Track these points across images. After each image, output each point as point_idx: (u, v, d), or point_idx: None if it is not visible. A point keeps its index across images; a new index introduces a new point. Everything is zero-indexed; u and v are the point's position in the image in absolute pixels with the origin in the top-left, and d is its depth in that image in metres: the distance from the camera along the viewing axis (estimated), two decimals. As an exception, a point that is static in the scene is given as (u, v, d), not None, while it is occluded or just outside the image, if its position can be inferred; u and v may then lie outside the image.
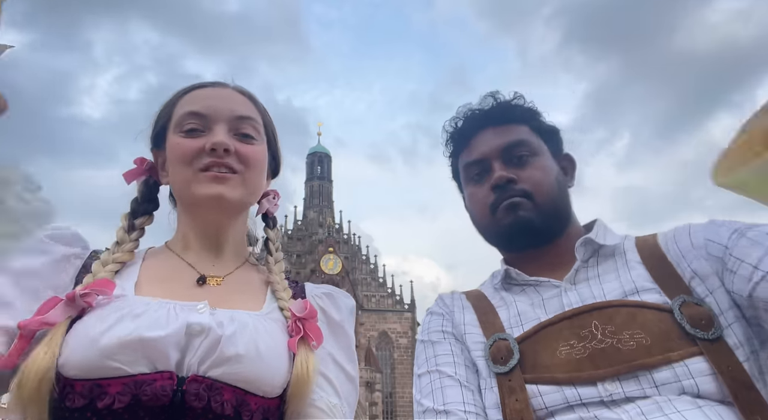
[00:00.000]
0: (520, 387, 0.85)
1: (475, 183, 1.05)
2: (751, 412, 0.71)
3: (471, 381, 0.93)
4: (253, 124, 0.89)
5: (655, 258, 0.91)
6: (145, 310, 0.70)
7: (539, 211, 0.97)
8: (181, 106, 0.88)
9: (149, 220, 0.92)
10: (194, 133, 0.84)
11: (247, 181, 0.86)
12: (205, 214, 0.87)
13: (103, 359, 0.65)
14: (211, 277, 0.84)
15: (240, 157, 0.84)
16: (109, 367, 0.65)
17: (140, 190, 0.93)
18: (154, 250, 0.91)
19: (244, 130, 0.87)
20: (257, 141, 0.89)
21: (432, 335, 1.02)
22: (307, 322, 0.80)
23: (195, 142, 0.83)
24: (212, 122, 0.85)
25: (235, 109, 0.88)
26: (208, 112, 0.85)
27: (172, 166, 0.86)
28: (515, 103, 1.08)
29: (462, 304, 1.04)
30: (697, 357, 0.76)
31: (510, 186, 0.98)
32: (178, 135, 0.85)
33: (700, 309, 0.80)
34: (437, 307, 1.08)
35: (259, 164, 0.89)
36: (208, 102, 0.87)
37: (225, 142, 0.82)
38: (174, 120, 0.88)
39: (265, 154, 0.91)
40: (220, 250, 0.89)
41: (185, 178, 0.83)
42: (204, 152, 0.82)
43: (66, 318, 0.69)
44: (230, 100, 0.89)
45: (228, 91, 0.92)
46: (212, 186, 0.82)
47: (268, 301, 0.85)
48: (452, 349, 0.98)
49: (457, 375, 0.93)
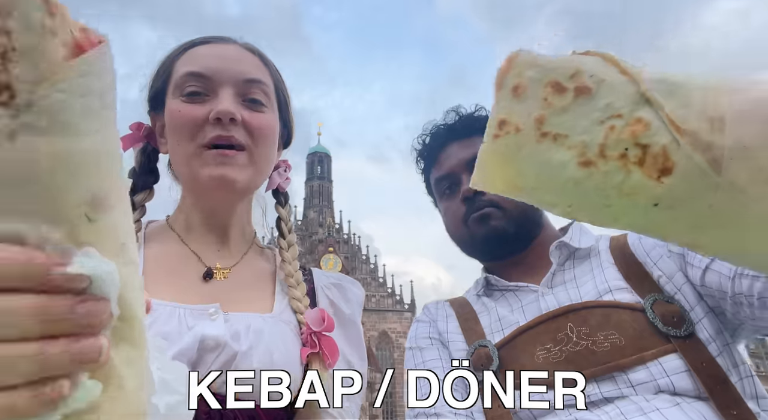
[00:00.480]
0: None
1: (447, 197, 1.08)
2: (727, 407, 0.72)
3: None
4: (264, 88, 0.79)
5: (625, 257, 0.93)
6: (155, 320, 0.65)
7: (509, 218, 0.99)
8: (182, 64, 0.78)
9: (150, 195, 0.82)
10: (196, 98, 0.74)
11: (256, 158, 0.76)
12: (209, 196, 0.78)
13: None
14: (218, 269, 0.78)
15: (248, 129, 0.75)
16: None
17: (138, 159, 0.83)
18: (155, 229, 0.83)
19: (254, 95, 0.77)
20: (267, 108, 0.79)
21: (420, 341, 1.04)
22: (323, 338, 0.74)
23: (197, 110, 0.73)
24: (217, 85, 0.75)
25: (244, 70, 0.77)
26: (211, 74, 0.75)
27: (172, 137, 0.76)
28: (477, 115, 1.11)
29: (446, 313, 1.07)
30: (671, 355, 0.78)
31: (478, 197, 1.00)
32: (178, 99, 0.75)
33: (671, 307, 0.82)
34: (423, 315, 1.11)
35: (270, 136, 0.78)
36: (212, 61, 0.76)
37: (231, 111, 0.72)
38: (173, 80, 0.77)
39: (276, 124, 0.81)
40: (225, 233, 0.82)
41: (186, 154, 0.74)
42: (207, 122, 0.73)
43: None
44: (237, 59, 0.78)
45: (235, 48, 0.80)
46: (217, 167, 0.73)
47: (278, 297, 0.80)
48: (440, 354, 1.00)
49: None
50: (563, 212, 0.35)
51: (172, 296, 0.70)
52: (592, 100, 0.29)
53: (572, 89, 0.29)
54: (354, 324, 0.86)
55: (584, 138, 0.29)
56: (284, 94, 0.86)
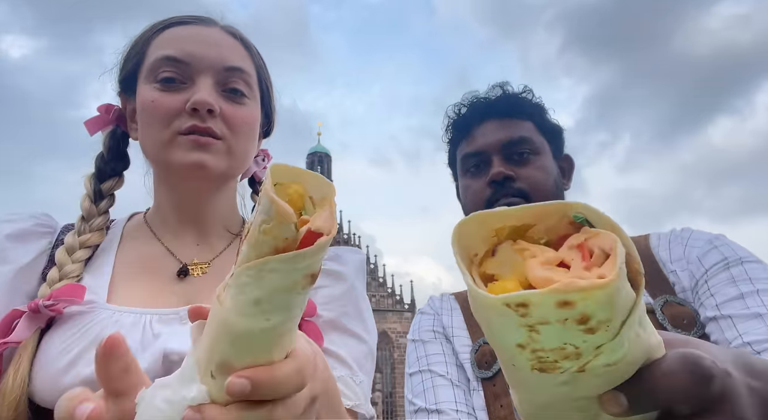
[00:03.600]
0: (504, 392, 0.85)
1: (472, 175, 1.02)
2: None
3: (462, 381, 0.93)
4: (245, 77, 0.73)
5: (642, 257, 0.90)
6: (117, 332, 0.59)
7: None
8: (157, 46, 0.72)
9: (119, 183, 0.76)
10: (171, 85, 0.69)
11: (233, 150, 0.71)
12: (184, 184, 0.73)
13: None
14: (195, 264, 0.72)
15: (227, 122, 0.70)
16: None
17: (106, 143, 0.77)
18: (133, 225, 0.78)
19: (234, 84, 0.72)
20: (249, 99, 0.74)
21: (423, 334, 1.02)
22: (303, 324, 0.68)
23: (172, 99, 0.68)
24: (194, 72, 0.70)
25: (224, 57, 0.72)
26: (189, 60, 0.70)
27: (144, 123, 0.71)
28: (523, 96, 1.05)
29: (450, 306, 1.04)
30: None
31: (508, 183, 0.95)
32: (151, 86, 0.70)
33: (682, 309, 0.80)
34: (428, 307, 1.08)
35: (249, 130, 0.74)
36: (191, 46, 0.70)
37: (210, 102, 0.67)
38: (147, 64, 0.72)
39: (257, 117, 0.76)
40: (203, 225, 0.76)
41: (160, 140, 0.69)
42: (183, 111, 0.68)
43: (33, 332, 0.59)
44: (218, 44, 0.72)
45: (215, 32, 0.74)
46: (192, 152, 0.68)
47: None
48: (443, 348, 0.98)
49: (448, 374, 0.93)
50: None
51: (143, 300, 0.65)
52: (582, 335, 0.29)
53: (588, 327, 0.28)
54: (352, 289, 0.76)
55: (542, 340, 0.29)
56: (267, 82, 0.81)
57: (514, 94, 1.05)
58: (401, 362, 48.73)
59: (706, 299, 0.79)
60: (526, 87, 1.06)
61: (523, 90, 1.06)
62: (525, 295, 0.28)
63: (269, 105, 0.82)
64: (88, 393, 0.33)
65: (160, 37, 0.73)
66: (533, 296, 0.28)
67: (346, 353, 0.69)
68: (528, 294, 0.28)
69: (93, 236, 0.70)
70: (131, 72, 0.74)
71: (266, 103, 0.81)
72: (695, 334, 0.77)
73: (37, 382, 0.56)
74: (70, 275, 0.65)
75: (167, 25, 0.74)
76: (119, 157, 0.77)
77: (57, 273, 0.65)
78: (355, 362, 0.69)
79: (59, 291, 0.61)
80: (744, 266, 0.80)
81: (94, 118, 0.77)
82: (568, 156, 1.09)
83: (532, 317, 0.28)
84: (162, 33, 0.73)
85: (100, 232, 0.71)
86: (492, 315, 0.30)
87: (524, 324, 0.29)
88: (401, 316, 49.41)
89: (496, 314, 0.30)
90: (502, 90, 1.05)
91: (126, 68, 0.75)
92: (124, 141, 0.78)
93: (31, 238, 0.69)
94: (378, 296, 50.34)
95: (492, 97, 1.05)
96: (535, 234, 0.34)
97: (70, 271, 0.65)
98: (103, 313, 0.61)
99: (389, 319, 49.21)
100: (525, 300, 0.28)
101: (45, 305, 0.59)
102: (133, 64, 0.74)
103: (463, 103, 1.08)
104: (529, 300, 0.28)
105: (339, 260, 0.79)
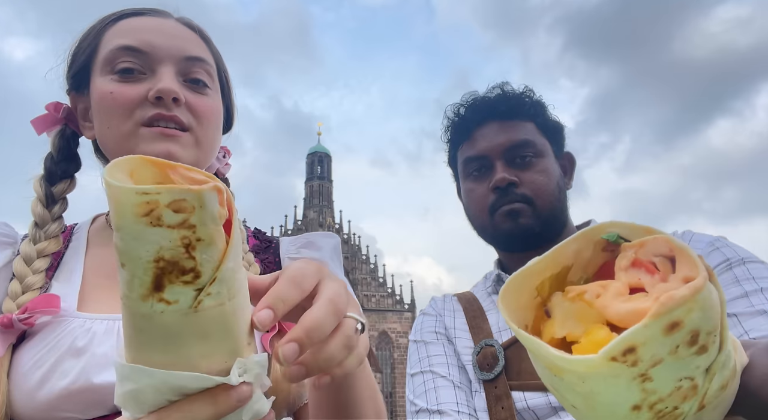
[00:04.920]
0: (505, 394, 0.85)
1: (474, 179, 1.01)
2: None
3: (464, 382, 0.93)
4: (206, 67, 0.71)
5: None
6: (89, 341, 0.57)
7: (538, 217, 0.95)
8: (111, 37, 0.68)
9: (71, 185, 0.73)
10: (130, 76, 0.66)
11: (201, 141, 0.69)
12: None
13: (48, 412, 0.54)
14: None
15: (192, 111, 0.67)
16: (57, 417, 0.54)
17: (55, 143, 0.73)
18: (98, 228, 0.75)
19: (196, 74, 0.69)
20: (211, 90, 0.72)
21: (425, 335, 1.02)
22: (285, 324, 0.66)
23: (132, 90, 0.65)
24: (155, 62, 0.66)
25: (184, 47, 0.69)
26: (149, 49, 0.66)
27: (102, 118, 0.67)
28: (524, 97, 1.03)
29: (453, 307, 1.04)
30: None
31: (511, 189, 0.95)
32: (108, 78, 0.66)
33: None
34: (430, 308, 1.07)
35: (214, 119, 0.72)
36: (149, 36, 0.67)
37: (174, 90, 0.64)
38: (101, 56, 0.68)
39: (220, 107, 0.74)
40: None
41: (122, 133, 0.65)
42: (146, 101, 0.64)
43: (5, 348, 0.56)
44: (177, 35, 0.70)
45: (172, 22, 0.72)
46: (159, 143, 0.64)
47: None
48: (445, 350, 0.98)
49: (450, 376, 0.93)
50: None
51: (113, 307, 0.63)
52: (695, 359, 0.26)
53: (700, 346, 0.26)
54: None
55: (657, 387, 0.26)
56: (226, 75, 0.78)
57: (515, 94, 1.03)
58: (401, 362, 48.70)
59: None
60: (527, 87, 1.05)
61: (524, 90, 1.04)
62: (629, 336, 0.24)
63: (229, 98, 0.80)
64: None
65: (115, 28, 0.69)
66: (638, 334, 0.24)
67: None
68: (631, 333, 0.24)
69: (50, 244, 0.66)
70: (82, 66, 0.70)
71: (226, 96, 0.78)
72: None
73: (12, 397, 0.55)
74: (33, 287, 0.62)
75: (120, 16, 0.71)
76: (70, 158, 0.73)
77: (18, 285, 0.62)
78: None
79: (34, 302, 0.59)
80: (746, 266, 0.80)
81: (42, 117, 0.73)
82: (569, 153, 1.08)
83: (644, 361, 0.25)
84: (115, 24, 0.70)
85: (56, 239, 0.68)
86: (597, 383, 0.26)
87: (636, 375, 0.25)
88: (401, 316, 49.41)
89: (604, 378, 0.26)
90: (502, 90, 1.04)
91: (76, 63, 0.71)
92: (74, 141, 0.75)
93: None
94: (378, 296, 50.34)
95: (492, 97, 1.03)
96: (574, 276, 0.32)
97: (33, 283, 0.63)
98: (74, 322, 0.59)
99: (389, 319, 49.19)
100: (631, 343, 0.24)
101: (19, 319, 0.57)
102: (85, 58, 0.70)
103: (463, 103, 1.06)
104: (635, 340, 0.24)
105: (312, 247, 0.78)
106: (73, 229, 0.75)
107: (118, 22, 0.70)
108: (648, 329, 0.24)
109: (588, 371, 0.26)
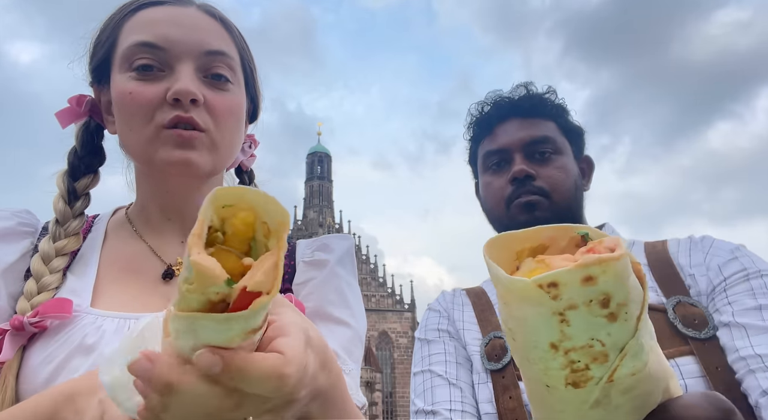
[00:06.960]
0: (513, 384, 0.87)
1: (493, 172, 1.03)
2: None
3: (461, 378, 0.94)
4: (228, 61, 0.68)
5: (660, 260, 0.91)
6: (99, 340, 0.57)
7: (554, 211, 0.95)
8: (130, 30, 0.66)
9: (95, 180, 0.71)
10: (149, 74, 0.64)
11: (218, 142, 0.67)
12: (168, 182, 0.69)
13: None
14: (179, 264, 0.68)
15: (211, 111, 0.65)
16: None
17: (80, 137, 0.71)
18: (116, 222, 0.74)
19: (216, 69, 0.67)
20: (232, 85, 0.69)
21: (428, 334, 1.03)
22: None
23: (151, 90, 0.63)
24: (173, 59, 0.64)
25: (204, 40, 0.66)
26: (167, 45, 0.64)
27: (123, 118, 0.66)
28: (546, 96, 1.05)
29: (462, 301, 1.05)
30: (687, 357, 0.77)
31: (529, 182, 0.96)
32: (126, 75, 0.64)
33: (695, 309, 0.81)
34: (437, 303, 1.08)
35: (234, 118, 0.69)
36: (167, 29, 0.65)
37: (192, 91, 0.63)
38: (120, 51, 0.66)
39: (242, 103, 0.71)
40: (188, 222, 0.71)
41: (144, 137, 0.64)
42: (165, 102, 0.63)
43: (14, 352, 0.56)
44: (197, 26, 0.67)
45: (192, 12, 0.69)
46: (177, 150, 0.63)
47: None
48: (445, 347, 0.98)
49: (446, 374, 0.94)
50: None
51: (127, 303, 0.62)
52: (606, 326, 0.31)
53: (610, 312, 0.31)
54: (334, 272, 0.74)
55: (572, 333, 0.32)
56: (250, 65, 0.76)
57: (538, 94, 1.06)
58: (401, 362, 48.70)
59: (723, 306, 0.80)
60: (550, 87, 1.07)
61: (546, 90, 1.07)
62: (554, 273, 0.31)
63: (254, 88, 0.77)
64: None
65: (132, 21, 0.67)
66: (561, 274, 0.31)
67: (332, 342, 0.65)
68: (556, 272, 0.31)
69: (69, 242, 0.65)
70: (103, 60, 0.69)
71: (251, 86, 0.76)
72: (706, 334, 0.78)
73: (21, 392, 0.55)
74: (49, 287, 0.61)
75: (138, 6, 0.68)
76: (94, 152, 0.72)
77: (35, 285, 0.61)
78: (344, 350, 0.67)
79: (45, 306, 0.58)
80: (764, 279, 0.80)
81: (66, 110, 0.72)
82: (588, 157, 1.10)
83: (563, 299, 0.31)
84: (134, 15, 0.68)
85: (77, 237, 0.67)
86: (526, 309, 0.32)
87: (556, 310, 0.31)
88: (401, 316, 49.45)
89: (531, 304, 0.32)
90: (526, 90, 1.06)
91: (97, 56, 0.70)
92: (99, 134, 0.73)
93: (15, 237, 0.66)
94: (378, 296, 50.37)
95: (515, 97, 1.05)
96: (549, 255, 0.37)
97: (49, 283, 0.61)
98: (86, 318, 0.59)
99: (389, 319, 49.23)
100: (554, 278, 0.31)
101: (31, 322, 0.56)
102: (105, 52, 0.68)
103: (487, 101, 1.08)
104: (558, 278, 0.31)
105: (326, 249, 0.76)
106: (94, 220, 0.74)
107: (136, 12, 0.68)
108: (569, 274, 0.30)
109: (521, 295, 0.32)
